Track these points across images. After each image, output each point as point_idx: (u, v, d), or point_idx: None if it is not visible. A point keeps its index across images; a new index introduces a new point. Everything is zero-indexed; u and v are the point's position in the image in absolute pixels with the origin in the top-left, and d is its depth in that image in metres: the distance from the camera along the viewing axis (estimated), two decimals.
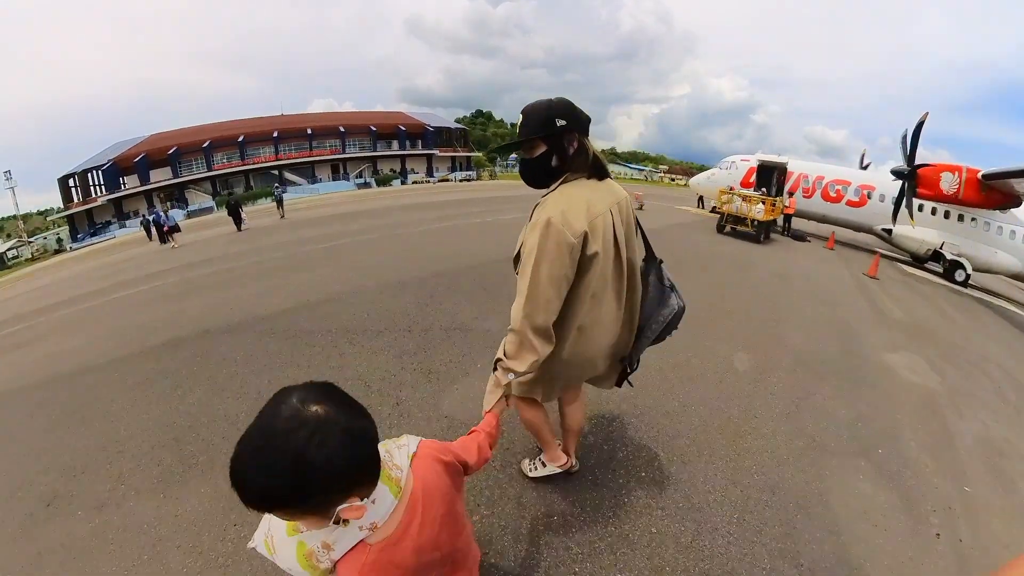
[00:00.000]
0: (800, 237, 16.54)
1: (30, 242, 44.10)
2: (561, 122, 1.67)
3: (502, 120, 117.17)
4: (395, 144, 53.52)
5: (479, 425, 1.55)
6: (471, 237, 11.48)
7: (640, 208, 19.10)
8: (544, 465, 2.71)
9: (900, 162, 14.81)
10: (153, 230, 20.80)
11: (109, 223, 42.41)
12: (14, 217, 46.83)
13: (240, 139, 46.08)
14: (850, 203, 17.27)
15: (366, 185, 48.26)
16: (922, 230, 15.30)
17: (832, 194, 17.68)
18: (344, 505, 0.83)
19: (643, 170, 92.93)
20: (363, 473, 0.86)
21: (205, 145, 44.70)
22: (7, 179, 42.32)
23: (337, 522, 0.85)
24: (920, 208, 15.10)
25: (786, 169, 18.41)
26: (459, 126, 64.39)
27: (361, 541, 0.90)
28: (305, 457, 0.74)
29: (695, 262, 9.96)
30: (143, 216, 28.00)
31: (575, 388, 2.33)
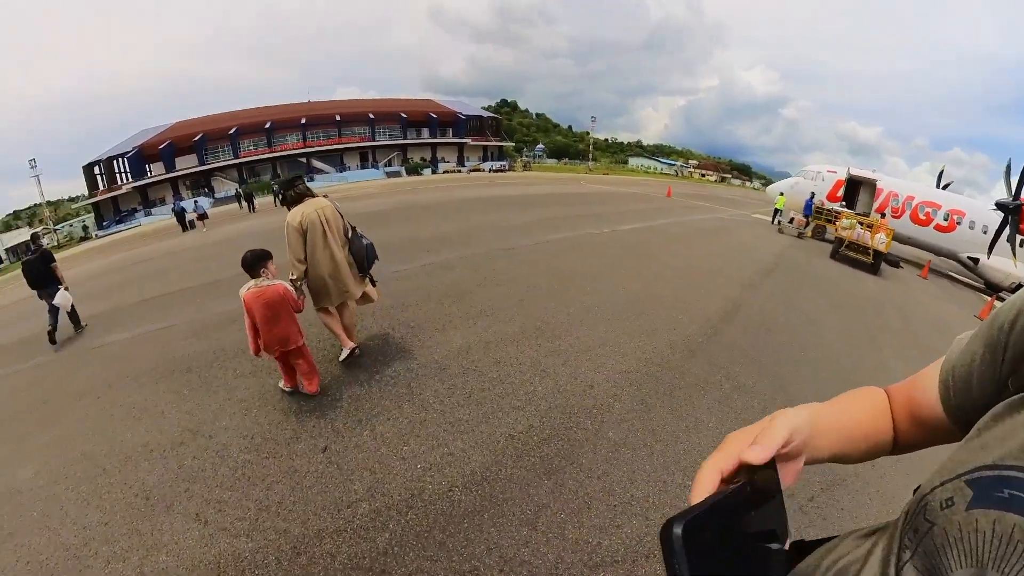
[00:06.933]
0: (894, 263, 15.57)
1: (56, 230, 42.98)
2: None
3: (527, 110, 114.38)
4: (425, 132, 51.32)
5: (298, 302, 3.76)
6: (636, 268, 8.60)
7: (800, 235, 17.36)
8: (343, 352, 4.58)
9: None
10: (185, 218, 22.56)
11: (135, 211, 41.34)
12: (39, 205, 45.88)
13: (267, 126, 44.38)
14: (938, 227, 16.53)
15: (395, 174, 46.17)
16: (1009, 262, 14.86)
17: (921, 216, 16.83)
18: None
19: (673, 164, 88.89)
20: (250, 270, 3.59)
21: (232, 132, 43.15)
22: (32, 167, 41.19)
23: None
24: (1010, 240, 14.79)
25: (876, 185, 17.49)
26: (491, 115, 61.84)
27: (251, 287, 3.56)
28: (245, 260, 3.60)
29: (866, 312, 8.19)
30: (174, 204, 27.28)
31: (341, 304, 4.33)
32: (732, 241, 13.47)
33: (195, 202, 25.39)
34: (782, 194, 19.14)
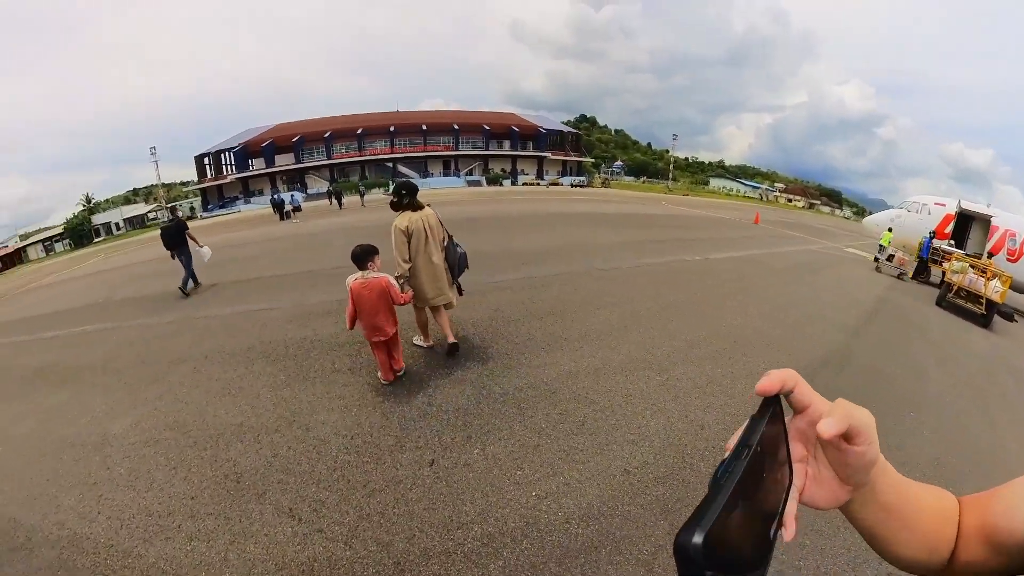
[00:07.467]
0: (1008, 315, 13.22)
1: (168, 207, 47.88)
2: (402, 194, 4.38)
3: (606, 126, 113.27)
4: (507, 144, 52.19)
5: (405, 296, 4.05)
6: (734, 301, 7.67)
7: (900, 276, 15.46)
8: (420, 340, 5.00)
9: None
10: (283, 209, 24.21)
11: (236, 198, 45.38)
12: (155, 186, 51.35)
13: (359, 132, 47.16)
14: None
15: (476, 183, 47.20)
16: None
17: None
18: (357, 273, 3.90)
19: (757, 188, 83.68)
20: (358, 263, 3.88)
21: (327, 135, 46.20)
22: (152, 154, 46.49)
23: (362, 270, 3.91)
24: None
25: (990, 222, 15.02)
26: (572, 130, 61.97)
27: (358, 278, 3.82)
28: (355, 253, 3.90)
29: (976, 373, 6.73)
30: (273, 195, 30.58)
31: (436, 307, 4.60)
32: (829, 278, 12.37)
33: (291, 195, 27.69)
34: (890, 229, 17.05)
